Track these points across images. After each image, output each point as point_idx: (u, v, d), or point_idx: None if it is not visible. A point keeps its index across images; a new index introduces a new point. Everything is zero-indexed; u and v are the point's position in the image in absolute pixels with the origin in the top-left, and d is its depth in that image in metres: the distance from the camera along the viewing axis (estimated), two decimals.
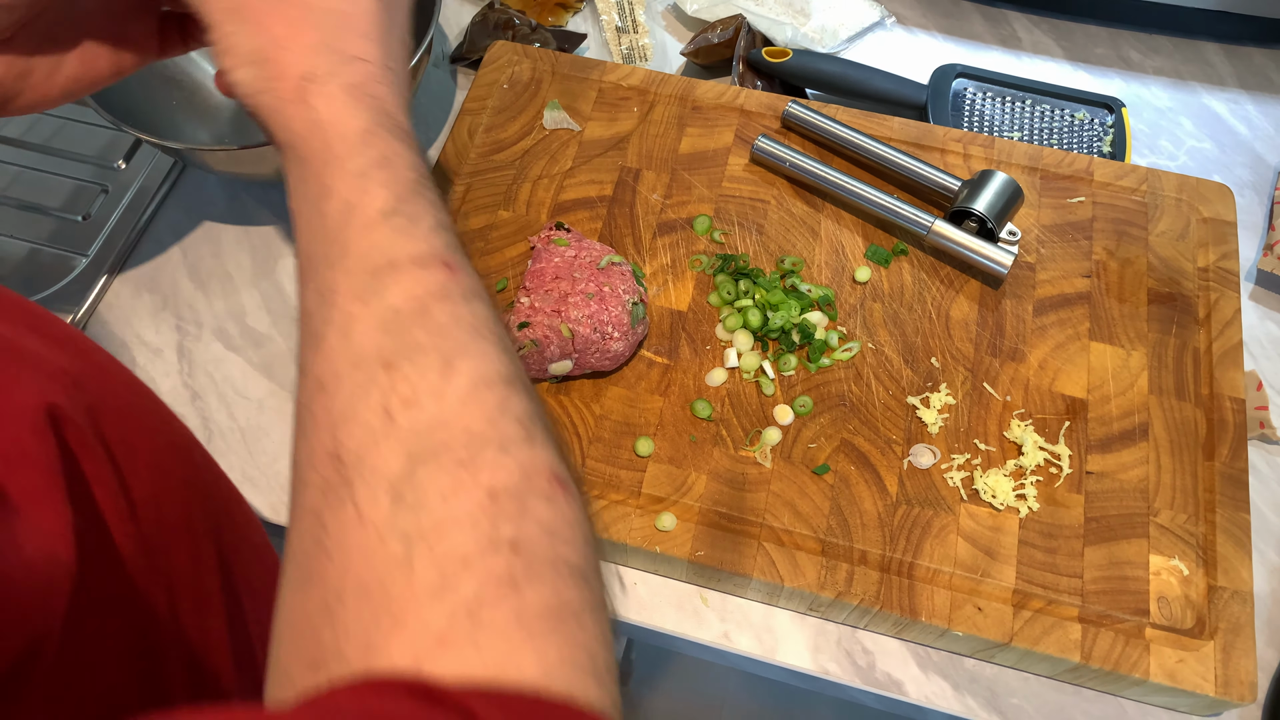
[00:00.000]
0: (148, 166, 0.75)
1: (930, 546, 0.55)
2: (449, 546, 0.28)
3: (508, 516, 0.29)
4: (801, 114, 0.69)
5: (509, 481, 0.30)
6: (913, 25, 0.83)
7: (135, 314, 0.69)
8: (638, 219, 0.67)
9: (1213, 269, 0.64)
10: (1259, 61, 0.81)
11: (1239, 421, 0.59)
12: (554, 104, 0.72)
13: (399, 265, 0.33)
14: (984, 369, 0.61)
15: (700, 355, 0.61)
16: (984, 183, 0.63)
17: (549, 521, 0.30)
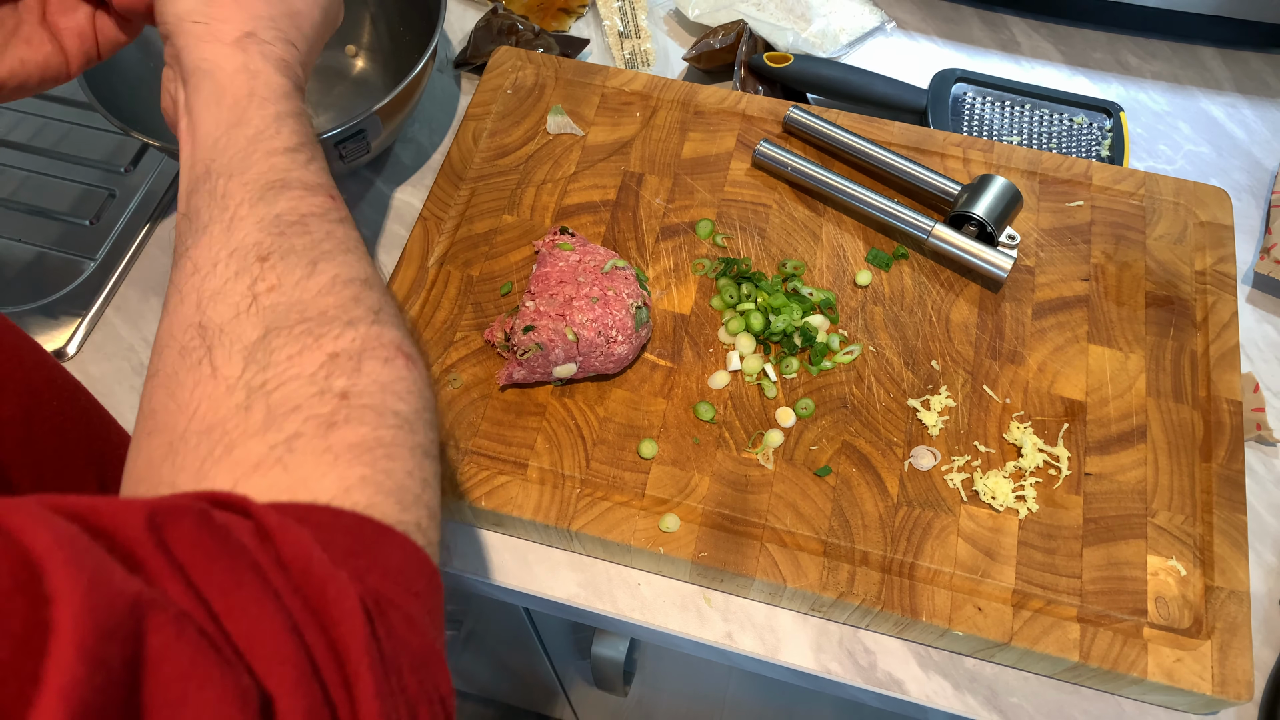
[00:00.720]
0: (154, 171, 0.76)
1: (931, 547, 0.55)
2: (283, 395, 0.32)
3: (343, 372, 0.33)
4: (803, 119, 0.70)
5: (350, 347, 0.34)
6: (912, 30, 0.84)
7: (143, 317, 0.69)
8: (641, 223, 0.68)
9: (1210, 272, 0.65)
10: (1256, 66, 0.82)
11: (1236, 424, 0.59)
12: (557, 109, 0.72)
13: (290, 185, 0.39)
14: (984, 371, 0.61)
15: (703, 358, 0.62)
16: (984, 187, 0.64)
17: (382, 378, 0.34)
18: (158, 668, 0.21)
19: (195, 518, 0.25)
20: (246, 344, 0.33)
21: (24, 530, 0.21)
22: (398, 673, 0.27)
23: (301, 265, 0.36)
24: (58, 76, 0.51)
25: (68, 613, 0.20)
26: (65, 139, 0.79)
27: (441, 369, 0.61)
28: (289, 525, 0.27)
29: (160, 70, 0.73)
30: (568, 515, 0.56)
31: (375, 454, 0.32)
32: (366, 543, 0.29)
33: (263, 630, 0.24)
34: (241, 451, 0.31)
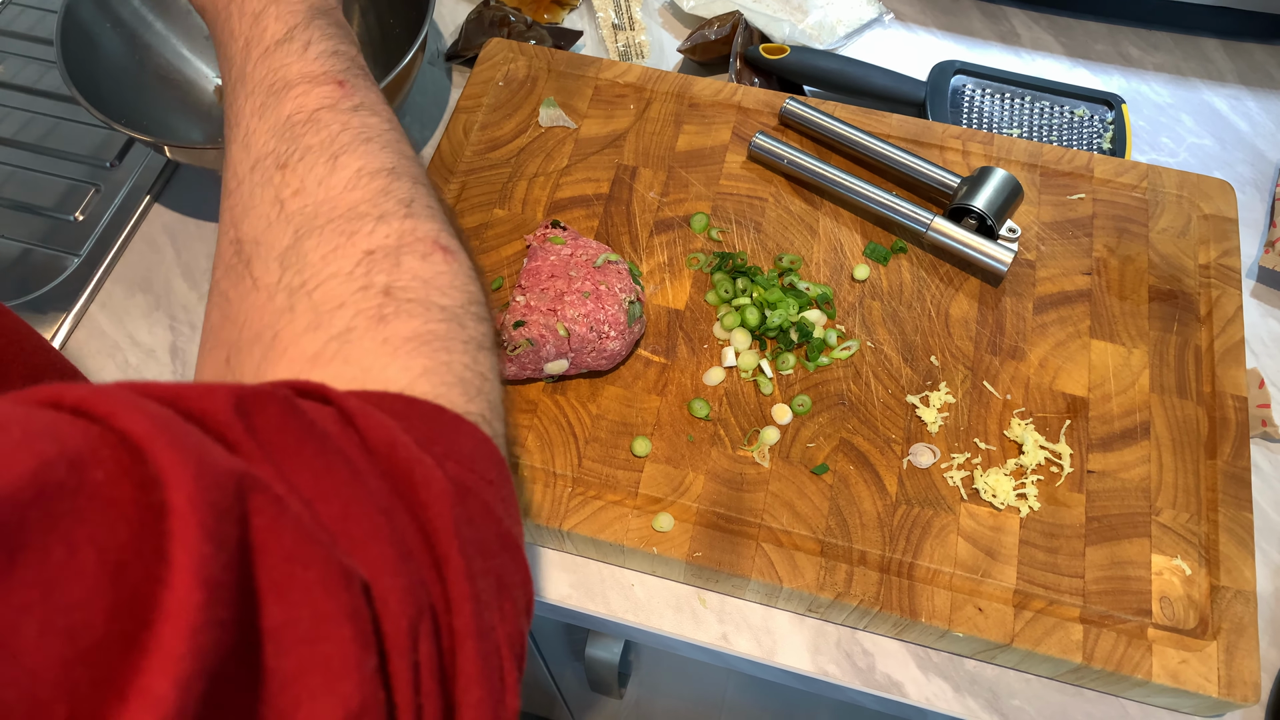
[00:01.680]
0: (140, 165, 0.75)
1: (930, 547, 0.54)
2: (325, 293, 0.32)
3: (382, 269, 0.33)
4: (799, 111, 0.69)
5: (385, 243, 0.33)
6: (911, 22, 0.83)
7: (128, 314, 0.68)
8: (634, 217, 0.66)
9: (1214, 266, 0.64)
10: (1259, 57, 0.81)
11: (1241, 420, 0.58)
12: (550, 101, 0.71)
13: (292, 83, 0.37)
14: (984, 367, 0.60)
15: (698, 354, 0.61)
16: (983, 180, 0.63)
17: (423, 273, 0.33)
18: (264, 549, 0.21)
19: (280, 403, 0.25)
20: (281, 249, 0.33)
21: (117, 415, 0.21)
22: (482, 556, 0.26)
23: (321, 163, 0.35)
24: None
25: (182, 494, 0.20)
26: (51, 134, 0.78)
27: None
28: (370, 410, 0.27)
29: (144, 64, 0.72)
30: (559, 514, 0.55)
31: (432, 346, 0.32)
32: (441, 430, 0.29)
33: (354, 513, 0.24)
34: (295, 350, 0.31)
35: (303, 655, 0.21)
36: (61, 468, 0.19)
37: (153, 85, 0.72)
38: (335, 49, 0.39)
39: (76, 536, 0.18)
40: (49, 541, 0.18)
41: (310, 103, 0.37)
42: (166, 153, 0.64)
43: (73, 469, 0.19)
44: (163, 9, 0.73)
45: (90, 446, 0.20)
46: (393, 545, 0.24)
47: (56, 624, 0.17)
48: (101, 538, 0.19)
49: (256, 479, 0.22)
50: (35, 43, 0.82)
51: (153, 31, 0.73)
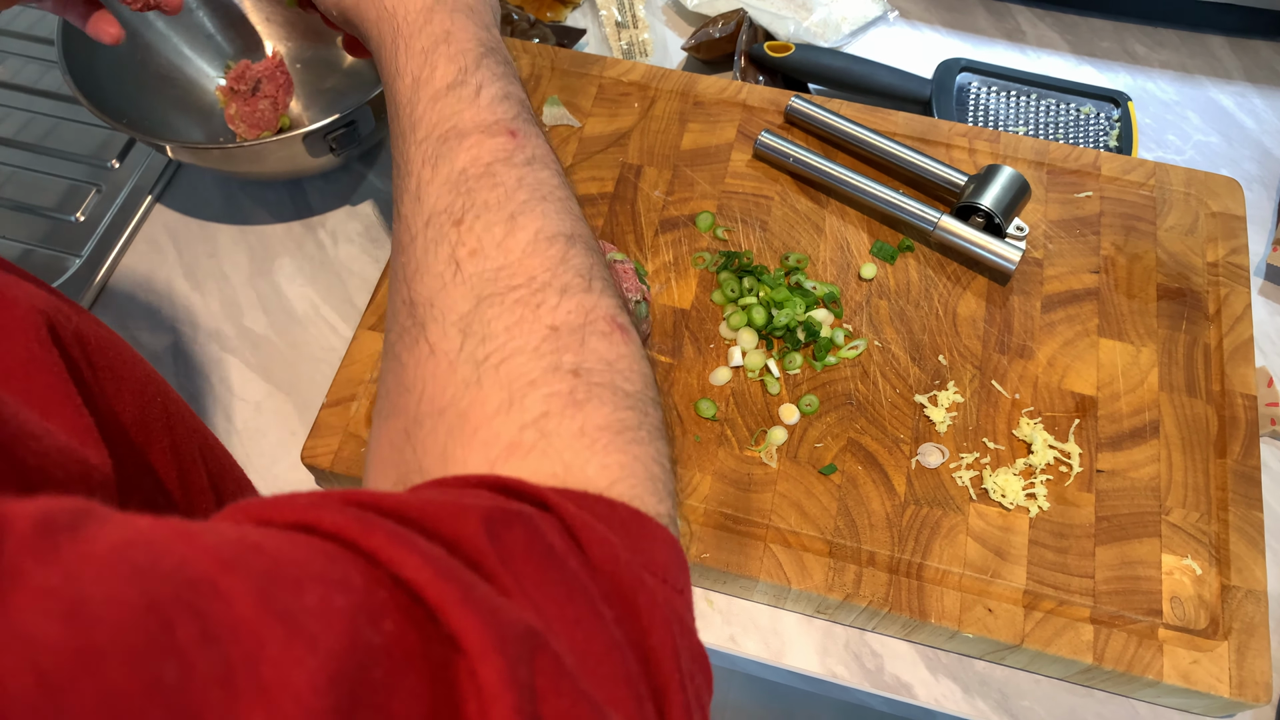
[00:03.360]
0: (141, 166, 0.74)
1: (939, 547, 0.54)
2: (514, 369, 0.30)
3: (568, 348, 0.31)
4: (805, 109, 0.68)
5: (569, 320, 0.32)
6: (916, 19, 0.83)
7: (130, 315, 0.68)
8: (639, 216, 0.66)
9: (1222, 264, 0.63)
10: (1266, 55, 0.80)
11: (1250, 418, 0.58)
12: (553, 100, 0.71)
13: (465, 133, 0.36)
14: (992, 366, 0.60)
15: (704, 354, 0.60)
16: (990, 178, 0.62)
17: (607, 355, 0.32)
18: (545, 713, 0.20)
19: (524, 525, 0.24)
20: (459, 315, 0.32)
21: (385, 551, 0.20)
22: (690, 680, 0.26)
23: (500, 223, 0.34)
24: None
25: (493, 672, 0.19)
26: (51, 134, 0.77)
27: None
28: (591, 523, 0.26)
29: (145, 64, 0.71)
30: None
31: (625, 438, 0.30)
32: (640, 538, 0.28)
33: (596, 649, 0.23)
34: (488, 432, 0.29)
35: None
36: (365, 624, 0.18)
37: (154, 85, 0.72)
38: (506, 92, 0.38)
39: (392, 709, 0.18)
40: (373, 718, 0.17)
41: (484, 155, 0.35)
42: (169, 152, 0.63)
43: (372, 623, 0.18)
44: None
45: (374, 591, 0.19)
46: (629, 686, 0.23)
47: None
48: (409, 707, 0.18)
49: (539, 637, 0.21)
50: (35, 42, 0.82)
51: (154, 30, 0.73)
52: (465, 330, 0.31)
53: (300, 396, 0.64)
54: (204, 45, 0.75)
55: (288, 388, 0.64)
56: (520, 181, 0.35)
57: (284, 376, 0.65)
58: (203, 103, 0.75)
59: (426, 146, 0.36)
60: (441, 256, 0.33)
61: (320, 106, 0.76)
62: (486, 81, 0.38)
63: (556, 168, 0.37)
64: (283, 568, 0.19)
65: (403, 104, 0.38)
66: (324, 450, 0.57)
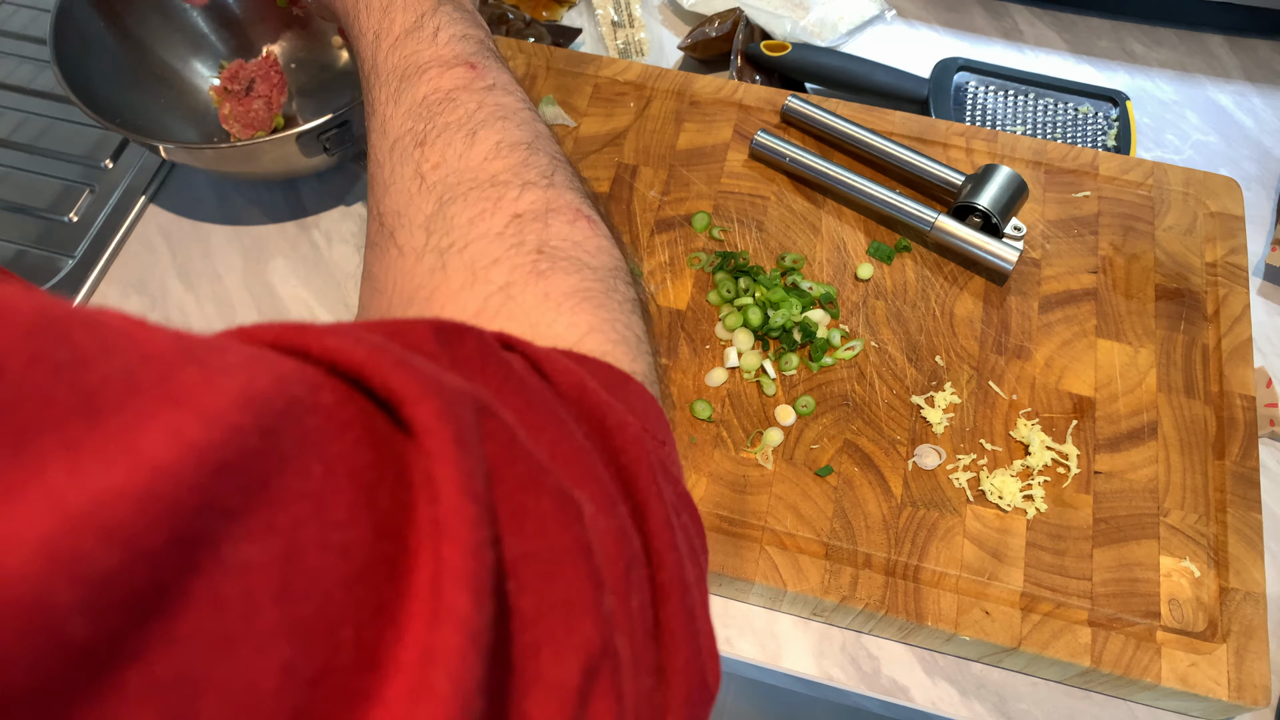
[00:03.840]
0: (135, 166, 0.74)
1: (936, 549, 0.53)
2: (477, 251, 0.31)
3: (531, 230, 0.32)
4: (801, 108, 0.68)
5: (532, 208, 0.33)
6: (913, 18, 0.82)
7: None
8: (635, 216, 0.66)
9: (1221, 264, 0.63)
10: (1264, 54, 0.80)
11: (1249, 419, 0.57)
12: (549, 100, 0.70)
13: (424, 67, 0.37)
14: (989, 367, 0.59)
15: (700, 355, 0.60)
16: (988, 177, 0.62)
17: (573, 236, 0.33)
18: (499, 475, 0.20)
19: (476, 337, 0.24)
20: (424, 216, 0.33)
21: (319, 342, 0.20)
22: (674, 511, 0.25)
23: (460, 138, 0.35)
24: None
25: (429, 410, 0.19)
26: (45, 134, 0.77)
27: None
28: (556, 356, 0.26)
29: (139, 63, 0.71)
30: None
31: (592, 302, 0.31)
32: (616, 387, 0.28)
33: (563, 450, 0.23)
34: (454, 307, 0.30)
35: (541, 593, 0.19)
36: (296, 385, 0.18)
37: (148, 85, 0.72)
38: (465, 33, 0.39)
39: (328, 453, 0.17)
40: (305, 456, 0.17)
41: (444, 84, 0.36)
42: (161, 153, 0.63)
43: (306, 388, 0.18)
44: (157, 6, 0.72)
45: (308, 373, 0.19)
46: (603, 482, 0.23)
47: (332, 540, 0.16)
48: (349, 457, 0.18)
49: (487, 402, 0.21)
50: (28, 42, 0.82)
51: (148, 29, 0.72)
52: (429, 228, 0.32)
53: None
54: (198, 45, 0.75)
55: None
56: (480, 104, 0.36)
57: None
58: (197, 103, 0.74)
59: (389, 85, 0.37)
60: (407, 173, 0.35)
61: (314, 106, 0.76)
62: (444, 24, 0.39)
63: (520, 94, 0.38)
64: (207, 342, 0.18)
65: (367, 58, 0.40)
66: None
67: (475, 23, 0.40)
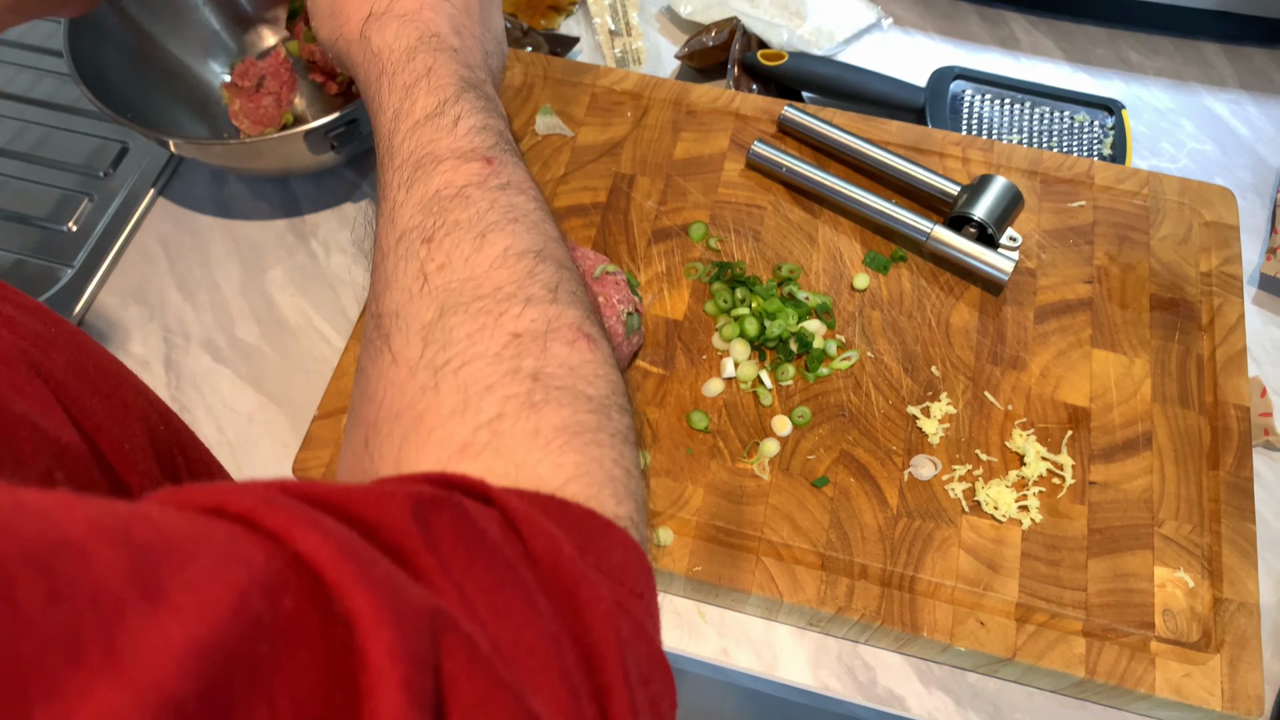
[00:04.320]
0: (134, 175, 0.74)
1: (932, 560, 0.54)
2: (472, 373, 0.31)
3: (529, 353, 0.32)
4: (798, 118, 0.68)
5: (532, 327, 0.32)
6: (910, 26, 0.82)
7: (122, 326, 0.68)
8: (632, 226, 0.66)
9: (1216, 274, 0.63)
10: (1260, 62, 0.80)
11: (1244, 430, 0.58)
12: (546, 109, 0.70)
13: (440, 158, 0.37)
14: (985, 377, 0.60)
15: (696, 365, 0.60)
16: (983, 187, 0.62)
17: (569, 360, 0.32)
18: (455, 697, 0.20)
19: (454, 510, 0.24)
20: (423, 324, 0.32)
21: (289, 530, 0.20)
22: (641, 684, 0.25)
23: (468, 240, 0.34)
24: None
25: (381, 645, 0.18)
26: (43, 143, 0.77)
27: None
28: (534, 515, 0.26)
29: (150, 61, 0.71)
30: None
31: (582, 439, 0.30)
32: (593, 537, 0.27)
33: (526, 639, 0.23)
34: (442, 434, 0.29)
35: None
36: (257, 598, 0.18)
37: (159, 81, 0.71)
38: (484, 124, 0.39)
39: (275, 686, 0.17)
40: (253, 699, 0.17)
41: (458, 179, 0.36)
42: (171, 147, 0.63)
43: (267, 599, 0.18)
44: (170, 1, 0.72)
45: (275, 569, 0.19)
46: (563, 680, 0.23)
47: None
48: (297, 686, 0.17)
49: (449, 617, 0.21)
50: (28, 50, 0.82)
51: (160, 25, 0.72)
52: (427, 338, 0.32)
53: (293, 408, 0.64)
54: (209, 41, 0.75)
55: (280, 399, 0.64)
56: (493, 204, 0.36)
57: (276, 387, 0.65)
58: (207, 99, 0.74)
59: (403, 172, 0.37)
60: (410, 271, 0.34)
61: (323, 103, 0.76)
62: (465, 113, 0.39)
63: (534, 193, 0.38)
64: (170, 541, 0.18)
65: (384, 135, 0.40)
66: (315, 463, 0.57)
67: (496, 111, 0.40)
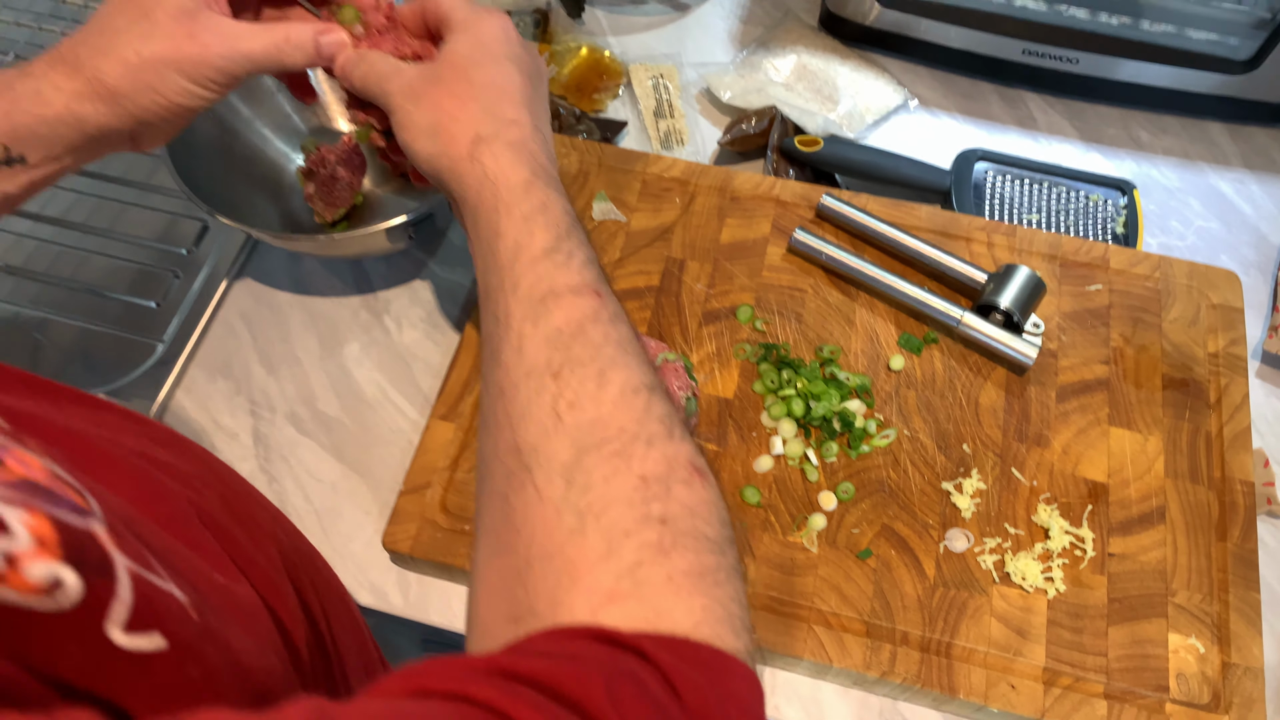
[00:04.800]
0: (215, 252, 0.80)
1: (966, 627, 0.59)
2: (612, 520, 0.35)
3: (656, 497, 0.36)
4: (835, 207, 0.74)
5: (656, 470, 0.37)
6: (934, 107, 0.88)
7: (211, 399, 0.73)
8: (684, 308, 0.71)
9: (1222, 355, 0.69)
10: (1261, 141, 0.86)
11: (1249, 504, 0.63)
12: (601, 195, 0.76)
13: (559, 293, 0.42)
14: (1011, 454, 0.65)
15: (747, 441, 0.66)
16: (1009, 277, 0.68)
17: (689, 502, 0.37)
18: None
19: (633, 682, 0.29)
20: (562, 464, 0.37)
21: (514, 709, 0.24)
22: None
23: (591, 377, 0.39)
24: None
25: None
26: (120, 218, 0.82)
27: None
28: (683, 669, 0.30)
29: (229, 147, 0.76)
30: None
31: (706, 581, 0.35)
32: (723, 678, 0.32)
33: None
34: (590, 580, 0.34)
35: None
36: None
37: (238, 167, 0.77)
38: (590, 257, 0.44)
39: None
40: None
41: (576, 314, 0.41)
42: (269, 240, 0.69)
43: None
44: (248, 94, 0.78)
45: None
46: None
47: None
48: None
49: None
50: None
51: (239, 117, 0.78)
52: (569, 480, 0.37)
53: (372, 477, 0.69)
54: (282, 125, 0.81)
55: (360, 468, 0.70)
56: (606, 338, 0.41)
57: (356, 457, 0.70)
58: (282, 182, 0.79)
59: (527, 305, 0.42)
60: (544, 406, 0.39)
61: (391, 183, 0.81)
62: (575, 249, 0.44)
63: (628, 320, 0.44)
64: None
65: (504, 262, 0.44)
66: (403, 536, 0.62)
67: (590, 244, 0.45)
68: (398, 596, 0.65)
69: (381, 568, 0.66)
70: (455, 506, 0.64)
